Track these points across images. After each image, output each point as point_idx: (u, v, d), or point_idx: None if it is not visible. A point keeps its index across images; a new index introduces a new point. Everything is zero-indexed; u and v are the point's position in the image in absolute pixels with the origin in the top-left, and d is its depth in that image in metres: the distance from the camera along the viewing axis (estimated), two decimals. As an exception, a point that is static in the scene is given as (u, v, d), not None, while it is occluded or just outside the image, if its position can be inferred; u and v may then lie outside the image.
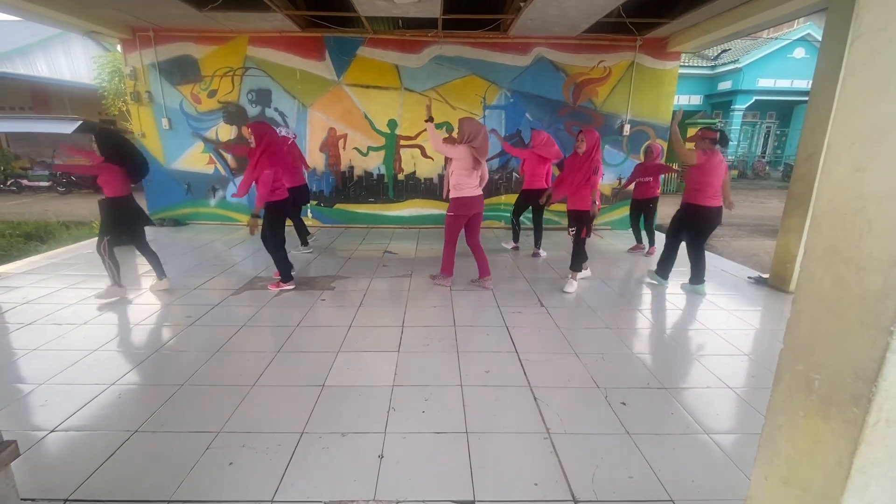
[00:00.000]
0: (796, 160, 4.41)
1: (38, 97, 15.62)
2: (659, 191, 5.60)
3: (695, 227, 4.12)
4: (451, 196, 4.03)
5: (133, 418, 2.27)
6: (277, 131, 4.71)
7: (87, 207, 9.08)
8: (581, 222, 4.16)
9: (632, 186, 5.67)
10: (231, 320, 3.53)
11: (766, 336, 3.46)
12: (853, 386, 0.99)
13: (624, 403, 2.47)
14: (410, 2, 5.04)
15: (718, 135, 3.91)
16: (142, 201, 7.49)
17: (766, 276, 4.73)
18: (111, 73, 13.89)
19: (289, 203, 4.24)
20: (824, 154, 1.11)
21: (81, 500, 1.77)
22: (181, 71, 6.66)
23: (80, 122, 12.75)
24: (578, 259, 4.31)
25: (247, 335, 3.28)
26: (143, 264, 5.09)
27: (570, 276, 4.36)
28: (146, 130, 6.87)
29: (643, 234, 5.86)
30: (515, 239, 5.91)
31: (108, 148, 3.76)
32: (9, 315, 3.58)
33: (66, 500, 1.76)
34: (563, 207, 7.15)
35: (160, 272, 4.20)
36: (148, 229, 4.20)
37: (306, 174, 5.95)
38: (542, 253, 5.59)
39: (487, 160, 7.05)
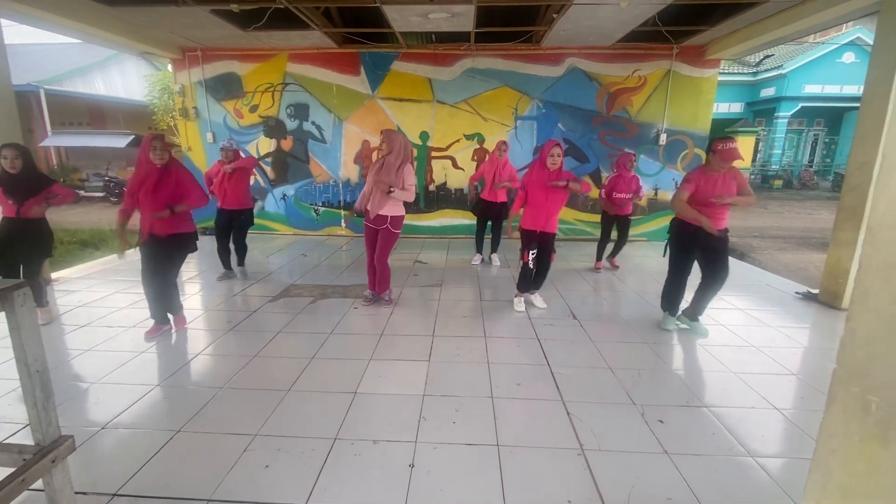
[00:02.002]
0: (847, 170, 4.19)
1: (95, 113, 16.77)
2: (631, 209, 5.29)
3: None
4: (395, 214, 3.80)
5: (176, 418, 2.37)
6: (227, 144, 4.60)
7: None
8: (551, 246, 3.89)
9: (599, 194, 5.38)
10: (268, 326, 3.64)
11: (817, 355, 3.28)
12: (915, 410, 0.93)
13: (661, 421, 2.38)
14: (444, 16, 5.13)
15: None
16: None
17: (815, 291, 4.48)
18: (161, 90, 14.80)
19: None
20: (879, 164, 1.06)
21: (128, 495, 1.85)
22: (225, 87, 7.01)
23: (133, 136, 13.59)
24: (541, 281, 4.02)
25: (283, 341, 3.37)
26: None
27: (520, 295, 4.07)
28: (192, 144, 7.25)
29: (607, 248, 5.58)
30: (482, 250, 5.80)
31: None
32: (66, 317, 3.82)
33: (114, 495, 1.85)
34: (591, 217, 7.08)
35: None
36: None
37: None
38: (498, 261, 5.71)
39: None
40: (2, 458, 1.36)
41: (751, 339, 3.46)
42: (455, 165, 7.10)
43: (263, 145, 7.17)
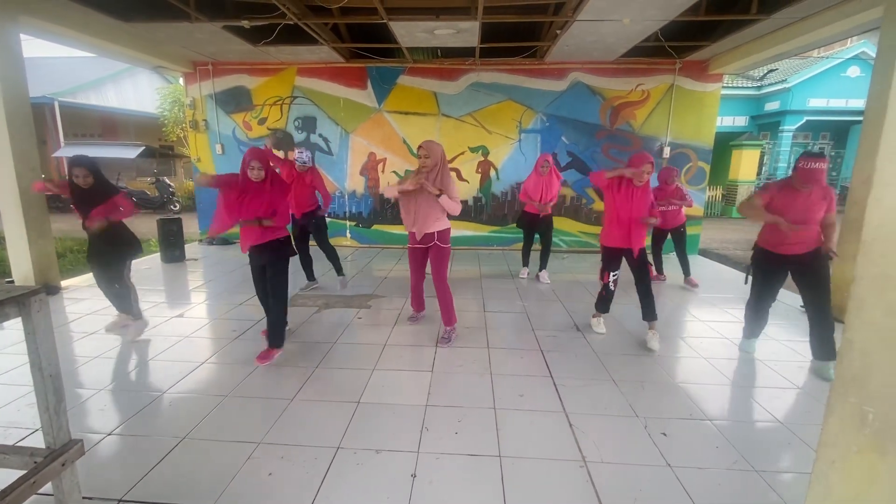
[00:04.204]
0: (852, 184, 4.21)
1: (107, 125, 17.07)
2: (684, 217, 5.19)
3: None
4: (442, 229, 3.49)
5: (182, 425, 2.39)
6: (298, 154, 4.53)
7: (145, 226, 9.75)
8: (646, 264, 3.61)
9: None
10: (273, 336, 3.66)
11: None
12: (910, 420, 0.94)
13: (664, 434, 2.37)
14: (449, 32, 5.24)
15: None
16: (194, 221, 8.04)
17: (820, 304, 4.45)
18: (172, 102, 15.08)
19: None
20: (873, 180, 1.08)
21: (134, 500, 1.87)
22: (235, 100, 7.15)
23: (143, 147, 13.83)
24: (652, 308, 3.60)
25: (287, 350, 3.39)
26: (189, 284, 5.40)
27: (598, 315, 3.85)
28: (201, 155, 7.37)
29: (661, 261, 5.56)
30: (528, 263, 5.71)
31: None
32: (74, 325, 3.87)
33: (120, 501, 1.87)
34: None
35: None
36: (199, 246, 4.32)
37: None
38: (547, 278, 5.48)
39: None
40: (14, 461, 1.39)
41: (756, 353, 3.45)
42: (460, 177, 7.16)
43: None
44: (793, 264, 3.12)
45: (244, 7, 4.86)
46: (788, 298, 4.92)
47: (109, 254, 3.52)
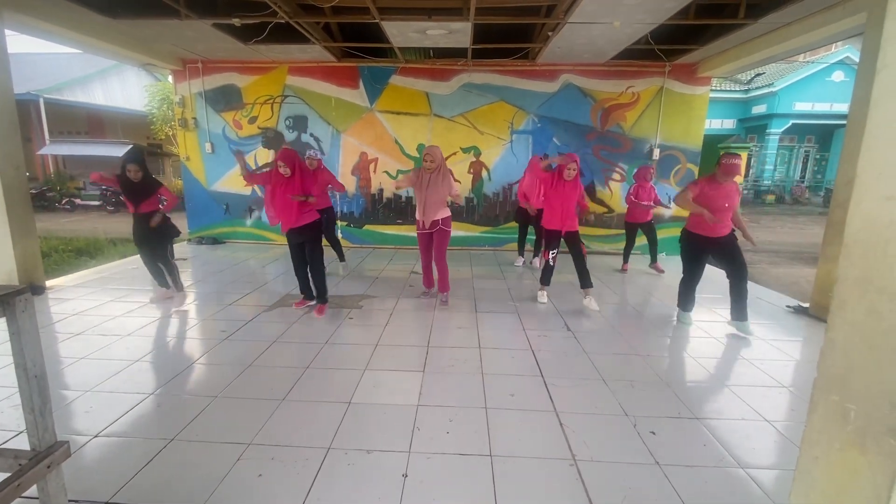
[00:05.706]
0: (835, 186, 4.29)
1: (94, 123, 16.83)
2: (651, 214, 5.87)
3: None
4: (445, 217, 4.34)
5: (170, 427, 2.37)
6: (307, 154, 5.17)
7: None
8: (578, 242, 4.47)
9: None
10: (263, 336, 3.64)
11: (807, 368, 3.31)
12: (890, 417, 0.97)
13: (653, 433, 2.40)
14: (441, 33, 5.25)
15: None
16: (183, 220, 7.94)
17: (805, 304, 4.54)
18: (160, 100, 14.90)
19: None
20: (854, 183, 1.11)
21: (121, 503, 1.85)
22: (225, 99, 7.09)
23: (131, 145, 13.63)
24: (587, 277, 4.45)
25: (278, 350, 3.37)
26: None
27: (543, 288, 4.68)
28: (190, 154, 7.29)
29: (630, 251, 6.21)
30: (523, 253, 6.50)
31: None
32: (59, 325, 3.81)
33: (107, 503, 1.84)
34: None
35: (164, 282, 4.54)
36: (188, 246, 4.47)
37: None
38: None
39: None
40: (-3, 464, 1.37)
41: (743, 352, 3.50)
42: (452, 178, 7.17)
43: (262, 156, 7.23)
44: (715, 245, 3.71)
45: (235, 5, 4.82)
46: (774, 298, 5.01)
47: (154, 237, 4.26)
